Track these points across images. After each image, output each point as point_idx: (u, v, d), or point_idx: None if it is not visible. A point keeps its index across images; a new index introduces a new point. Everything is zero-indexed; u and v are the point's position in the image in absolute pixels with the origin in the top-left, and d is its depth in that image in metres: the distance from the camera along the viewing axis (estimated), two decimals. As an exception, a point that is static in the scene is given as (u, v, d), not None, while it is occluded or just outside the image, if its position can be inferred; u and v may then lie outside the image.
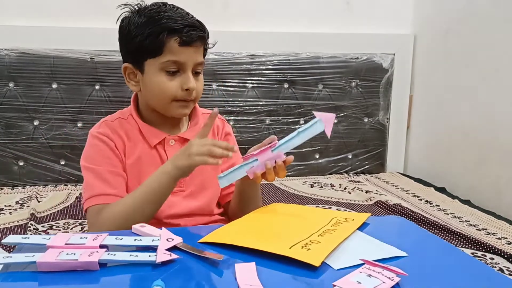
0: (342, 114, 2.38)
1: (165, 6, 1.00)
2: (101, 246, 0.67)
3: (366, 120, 2.43)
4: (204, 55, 1.04)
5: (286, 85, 2.30)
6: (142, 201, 0.92)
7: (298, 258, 0.65)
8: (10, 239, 0.69)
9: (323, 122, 0.83)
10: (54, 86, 2.04)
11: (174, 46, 0.96)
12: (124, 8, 1.04)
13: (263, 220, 0.84)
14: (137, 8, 1.02)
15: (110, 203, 0.95)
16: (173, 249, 0.69)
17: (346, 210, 1.82)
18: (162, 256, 0.64)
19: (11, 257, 0.64)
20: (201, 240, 0.73)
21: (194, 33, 0.97)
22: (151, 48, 0.96)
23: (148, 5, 1.03)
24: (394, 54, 2.40)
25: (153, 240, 0.68)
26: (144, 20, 0.97)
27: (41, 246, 0.67)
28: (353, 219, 0.85)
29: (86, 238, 0.68)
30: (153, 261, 0.63)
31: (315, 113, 0.86)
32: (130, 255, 0.64)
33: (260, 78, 2.26)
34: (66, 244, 0.67)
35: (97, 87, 2.08)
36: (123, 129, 1.04)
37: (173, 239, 0.68)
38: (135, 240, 0.68)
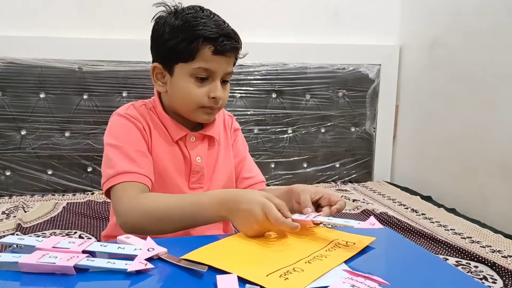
0: (329, 124, 2.40)
1: (202, 11, 0.99)
2: (87, 252, 0.68)
3: (353, 129, 2.45)
4: (234, 64, 1.04)
5: (274, 95, 2.32)
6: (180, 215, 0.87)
7: None
8: (7, 239, 0.72)
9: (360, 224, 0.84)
10: (42, 95, 2.04)
11: (207, 54, 0.95)
12: (158, 6, 1.02)
13: (252, 240, 0.80)
14: (173, 9, 1.00)
15: (137, 181, 0.92)
16: (159, 260, 0.69)
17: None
18: (135, 265, 0.65)
19: (0, 256, 0.66)
20: (183, 257, 0.72)
21: (228, 43, 0.97)
22: (183, 53, 0.96)
23: (185, 7, 1.01)
24: (380, 64, 2.43)
25: (135, 249, 0.69)
26: (180, 24, 0.96)
27: (31, 248, 0.68)
28: (354, 243, 0.80)
29: (74, 243, 0.69)
30: (126, 269, 0.64)
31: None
32: (108, 262, 0.65)
33: (248, 88, 2.27)
34: (53, 247, 0.68)
35: (85, 96, 2.08)
36: (149, 116, 1.03)
37: (154, 249, 0.69)
38: (118, 248, 0.69)
